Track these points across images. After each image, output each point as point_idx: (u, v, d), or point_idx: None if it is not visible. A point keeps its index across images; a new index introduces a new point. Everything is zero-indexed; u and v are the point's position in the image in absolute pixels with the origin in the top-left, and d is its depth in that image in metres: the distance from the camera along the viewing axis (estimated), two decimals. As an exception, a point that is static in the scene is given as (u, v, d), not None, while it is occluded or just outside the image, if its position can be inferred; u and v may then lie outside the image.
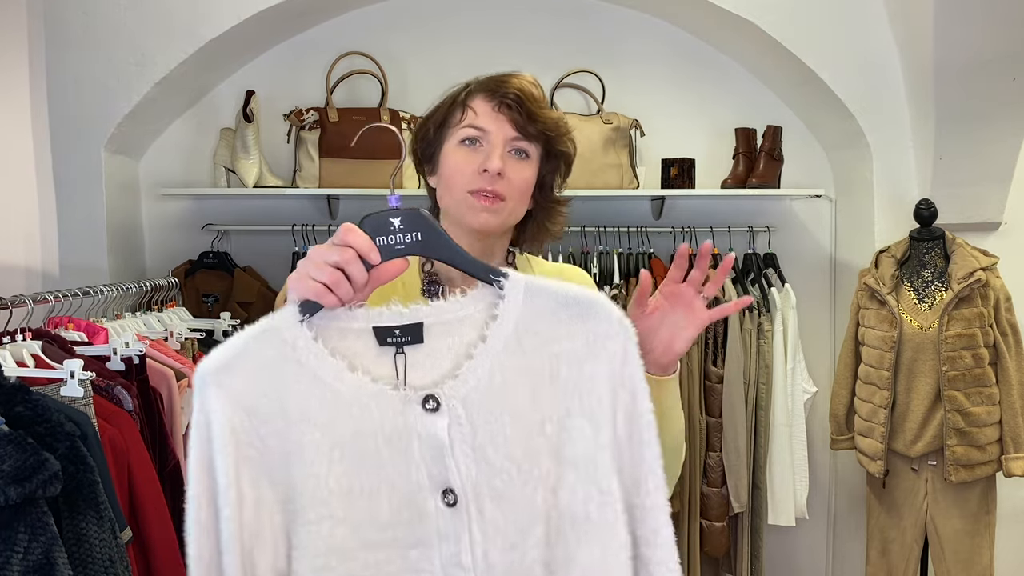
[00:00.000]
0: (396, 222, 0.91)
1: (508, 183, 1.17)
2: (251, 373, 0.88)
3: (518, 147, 1.20)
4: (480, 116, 1.20)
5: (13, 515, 1.18)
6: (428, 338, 0.90)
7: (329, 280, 0.89)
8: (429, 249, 0.93)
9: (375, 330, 0.89)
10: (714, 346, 2.70)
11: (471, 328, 0.90)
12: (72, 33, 2.60)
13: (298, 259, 2.71)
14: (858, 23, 2.73)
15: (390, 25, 2.92)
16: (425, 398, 0.87)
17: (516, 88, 1.21)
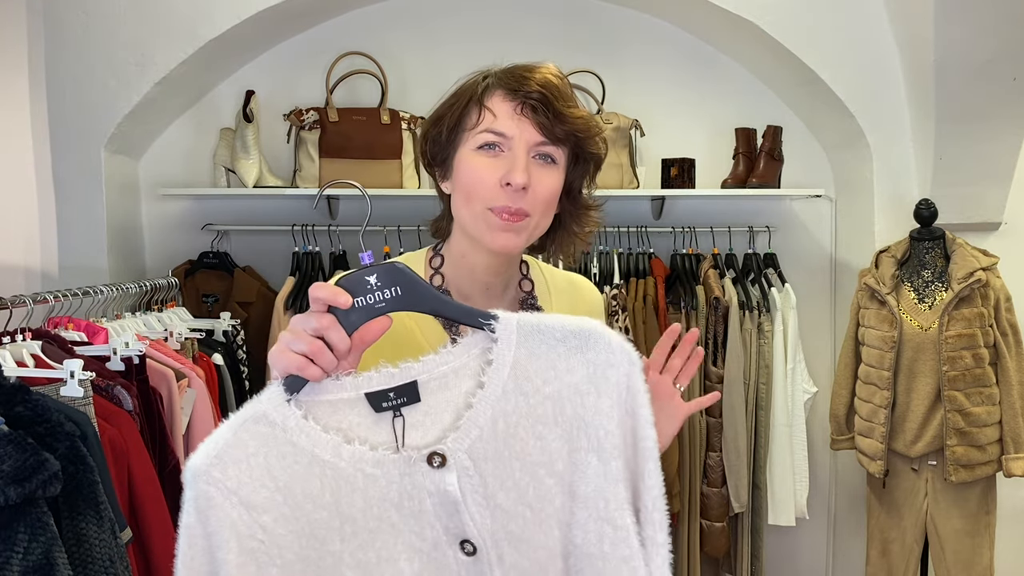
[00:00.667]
0: (372, 280, 0.86)
1: (532, 196, 1.06)
2: (244, 464, 0.83)
3: (543, 152, 1.08)
4: (500, 118, 1.07)
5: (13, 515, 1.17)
6: (424, 395, 0.86)
7: (309, 350, 0.83)
8: (412, 303, 0.87)
9: (368, 396, 0.85)
10: (714, 346, 2.69)
11: (467, 377, 0.87)
12: (72, 33, 2.60)
13: (298, 259, 2.73)
14: (858, 23, 2.73)
15: (390, 25, 2.92)
16: (430, 456, 0.84)
17: (540, 84, 1.07)
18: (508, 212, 1.05)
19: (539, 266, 1.25)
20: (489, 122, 1.07)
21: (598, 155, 1.14)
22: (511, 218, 1.05)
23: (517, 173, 1.04)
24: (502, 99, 1.08)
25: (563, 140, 1.08)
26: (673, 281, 2.81)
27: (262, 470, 0.83)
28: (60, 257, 2.69)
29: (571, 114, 1.08)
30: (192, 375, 2.02)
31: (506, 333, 0.88)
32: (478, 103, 1.09)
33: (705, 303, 2.70)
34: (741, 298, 2.73)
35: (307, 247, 2.75)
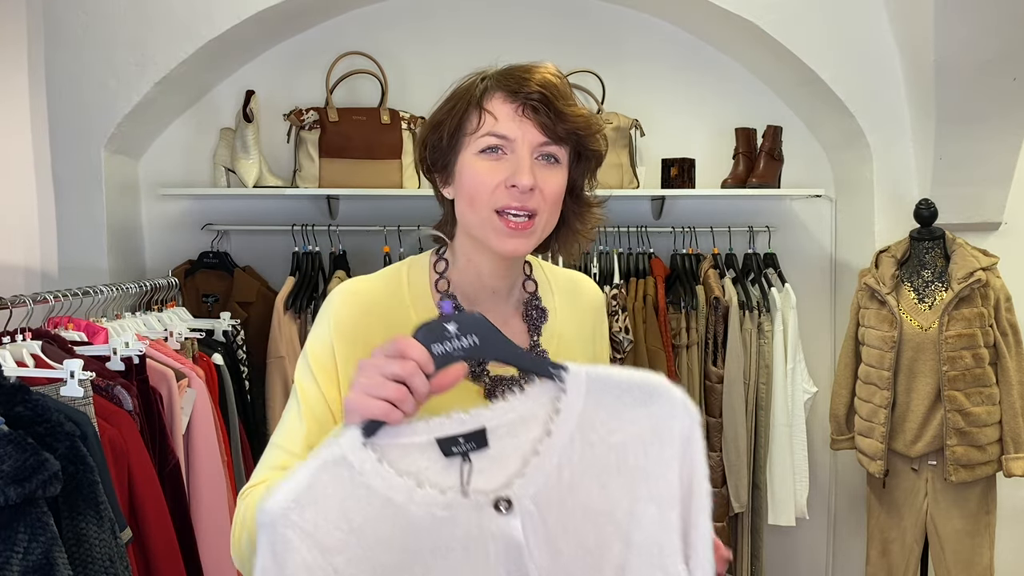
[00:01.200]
0: (452, 328, 0.88)
1: (540, 196, 1.05)
2: (321, 506, 0.85)
3: (546, 152, 1.07)
4: (501, 121, 1.06)
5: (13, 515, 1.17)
6: (492, 440, 0.88)
7: (395, 397, 0.84)
8: (487, 351, 0.91)
9: (438, 441, 0.87)
10: (714, 346, 2.69)
11: (535, 425, 0.90)
12: (72, 33, 2.60)
13: (298, 259, 2.73)
14: (858, 23, 2.73)
15: (390, 25, 2.92)
16: (497, 501, 0.87)
17: (540, 84, 1.06)
18: (515, 212, 1.05)
19: (541, 265, 1.25)
20: (490, 125, 1.06)
21: (599, 152, 1.14)
22: (520, 223, 1.05)
23: (523, 175, 1.03)
24: (502, 101, 1.07)
25: (565, 139, 1.07)
26: (673, 281, 2.81)
27: (337, 512, 0.85)
28: (60, 257, 2.69)
29: (572, 113, 1.07)
30: (192, 375, 2.02)
31: (575, 384, 0.90)
32: (478, 106, 1.07)
33: (705, 303, 2.70)
34: (741, 298, 2.73)
35: (307, 247, 2.75)
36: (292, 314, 2.62)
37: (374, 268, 1.79)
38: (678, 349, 2.70)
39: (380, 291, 1.14)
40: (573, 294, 1.23)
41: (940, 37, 2.48)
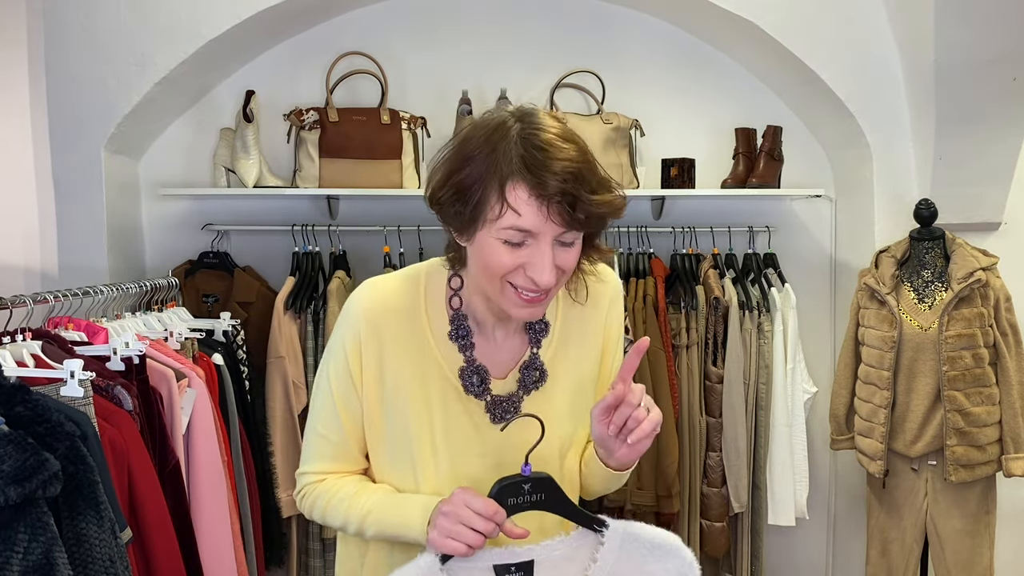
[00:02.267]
0: (527, 487, 1.09)
1: (559, 273, 1.09)
2: None
3: (565, 240, 1.08)
4: (524, 216, 1.04)
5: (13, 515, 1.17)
6: (539, 571, 1.09)
7: (475, 544, 1.05)
8: (550, 506, 1.11)
9: (495, 568, 1.09)
10: (714, 346, 2.70)
11: (575, 565, 1.10)
12: (72, 33, 2.60)
13: (298, 259, 2.73)
14: (858, 23, 2.73)
15: (390, 25, 2.92)
16: None
17: (564, 178, 1.03)
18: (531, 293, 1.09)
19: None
20: (513, 219, 1.05)
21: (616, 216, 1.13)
22: (534, 299, 1.10)
23: (544, 273, 1.06)
24: (527, 196, 1.04)
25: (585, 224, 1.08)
26: (673, 281, 2.81)
27: None
28: (60, 257, 2.69)
29: (596, 202, 1.06)
30: (192, 375, 2.02)
31: (612, 539, 1.13)
32: (500, 197, 1.05)
33: (705, 303, 2.70)
34: (741, 298, 2.73)
35: (307, 247, 2.75)
36: (292, 314, 2.62)
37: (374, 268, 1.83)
38: (678, 349, 2.70)
39: (400, 291, 1.22)
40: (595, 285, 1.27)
41: (940, 37, 2.48)
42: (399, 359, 1.18)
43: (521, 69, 2.93)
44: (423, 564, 1.06)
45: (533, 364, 1.21)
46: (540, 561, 1.10)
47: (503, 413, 1.19)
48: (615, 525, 1.12)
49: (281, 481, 2.56)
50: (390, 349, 1.18)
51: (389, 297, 1.20)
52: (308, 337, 2.64)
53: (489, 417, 1.19)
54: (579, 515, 1.13)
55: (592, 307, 1.27)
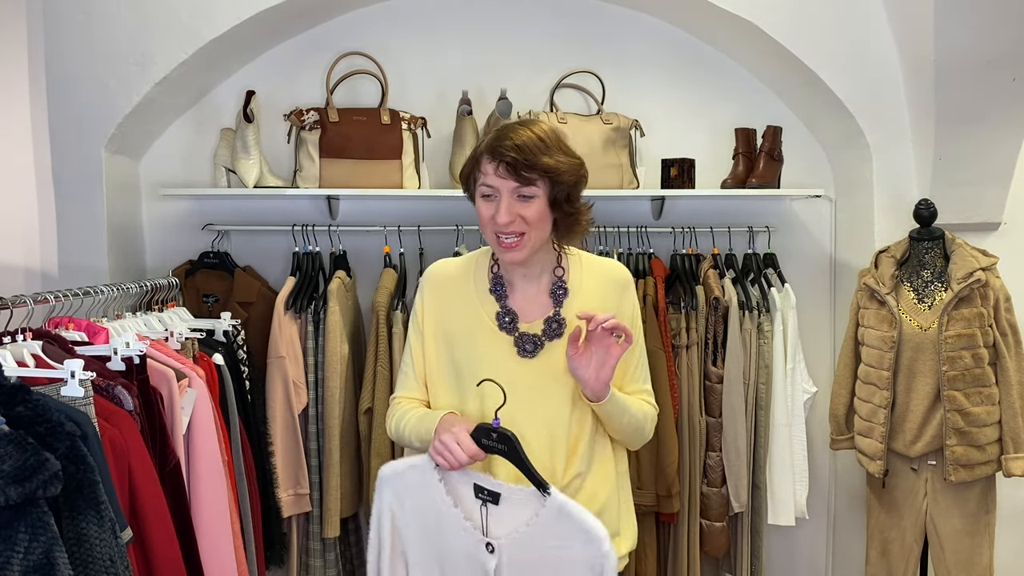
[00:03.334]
0: (494, 436, 1.49)
1: (522, 221, 1.52)
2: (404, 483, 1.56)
3: (522, 193, 1.52)
4: (487, 176, 1.53)
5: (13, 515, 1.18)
6: (501, 504, 1.49)
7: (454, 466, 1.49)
8: (509, 455, 1.48)
9: (474, 486, 1.50)
10: (714, 346, 2.70)
11: (526, 512, 1.47)
12: (72, 33, 2.60)
13: (298, 259, 2.74)
14: (858, 23, 2.73)
15: (390, 25, 2.92)
16: (488, 543, 1.49)
17: (511, 148, 1.49)
18: (504, 236, 1.54)
19: (578, 256, 1.69)
20: (483, 179, 1.55)
21: (573, 180, 1.55)
22: (509, 243, 1.55)
23: (501, 214, 1.52)
24: (488, 161, 1.53)
25: (534, 181, 1.51)
26: (673, 281, 2.81)
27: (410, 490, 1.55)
28: (60, 257, 2.69)
29: (538, 162, 1.50)
30: (192, 375, 2.02)
31: (551, 505, 1.46)
32: (477, 164, 1.56)
33: (705, 303, 2.70)
34: (741, 298, 2.73)
35: (307, 247, 2.75)
36: (292, 314, 2.62)
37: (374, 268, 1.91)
38: (678, 349, 2.70)
39: (457, 264, 1.72)
40: (602, 275, 1.67)
41: (940, 37, 2.48)
42: (454, 310, 1.66)
43: (521, 69, 2.94)
44: (424, 459, 1.53)
45: (555, 318, 1.61)
46: (505, 497, 1.48)
47: (529, 347, 1.59)
48: (556, 497, 1.45)
49: (281, 481, 2.56)
50: (448, 303, 1.66)
51: (447, 268, 1.71)
52: (308, 337, 2.64)
53: (517, 351, 1.60)
54: (530, 474, 1.47)
55: (610, 285, 1.66)
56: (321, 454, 2.64)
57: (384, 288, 2.62)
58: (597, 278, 1.66)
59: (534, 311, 1.63)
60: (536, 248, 1.57)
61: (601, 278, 1.67)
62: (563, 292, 1.64)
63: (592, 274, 1.67)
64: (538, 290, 1.64)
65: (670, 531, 2.74)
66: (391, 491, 1.54)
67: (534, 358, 1.59)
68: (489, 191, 1.53)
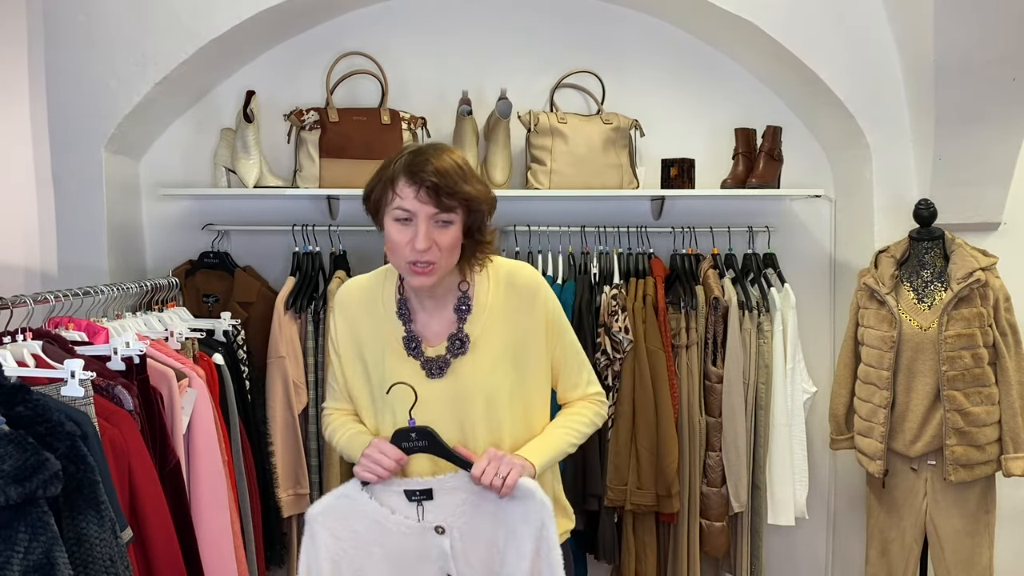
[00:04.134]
0: (414, 435, 1.54)
1: (436, 249, 1.50)
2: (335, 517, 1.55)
3: (441, 219, 1.50)
4: (404, 199, 1.49)
5: (14, 515, 1.18)
6: (436, 496, 1.53)
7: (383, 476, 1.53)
8: (432, 449, 1.53)
9: (405, 492, 1.53)
10: (714, 346, 2.70)
11: (462, 492, 1.53)
12: (72, 33, 2.60)
13: (298, 259, 2.74)
14: (858, 23, 2.73)
15: (390, 25, 2.92)
16: (437, 527, 1.53)
17: (434, 170, 1.47)
18: (419, 263, 1.51)
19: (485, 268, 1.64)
20: (399, 202, 1.50)
21: (488, 208, 1.56)
22: (422, 269, 1.52)
23: (419, 240, 1.49)
24: (405, 184, 1.49)
25: (454, 208, 1.49)
26: (673, 281, 2.81)
27: (345, 521, 1.54)
28: (60, 257, 2.69)
29: (460, 190, 1.49)
30: (192, 375, 2.02)
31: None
32: (390, 186, 1.51)
33: (705, 303, 2.70)
34: (741, 298, 2.73)
35: (307, 247, 2.75)
36: (292, 314, 2.62)
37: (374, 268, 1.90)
38: (678, 349, 2.70)
39: (366, 284, 1.70)
40: (508, 284, 1.65)
41: (940, 37, 2.48)
42: (365, 331, 1.65)
43: (521, 69, 2.94)
44: (351, 486, 1.55)
45: (458, 335, 1.61)
46: (437, 489, 1.53)
47: (436, 370, 1.60)
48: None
49: (281, 480, 2.57)
50: (358, 325, 1.66)
51: (356, 290, 1.70)
52: (308, 337, 2.64)
53: (425, 373, 1.60)
54: (454, 457, 1.53)
55: (519, 295, 1.64)
56: (321, 454, 2.64)
57: (384, 288, 2.62)
58: (504, 288, 1.64)
59: (439, 332, 1.62)
60: (446, 272, 1.56)
61: (508, 288, 1.64)
62: (467, 309, 1.62)
63: (499, 284, 1.64)
64: (444, 309, 1.63)
65: (670, 531, 2.74)
66: (324, 528, 1.53)
67: (443, 378, 1.59)
68: (405, 215, 1.49)
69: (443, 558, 1.53)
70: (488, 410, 1.60)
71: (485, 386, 1.59)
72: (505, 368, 1.60)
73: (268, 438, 2.56)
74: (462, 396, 1.59)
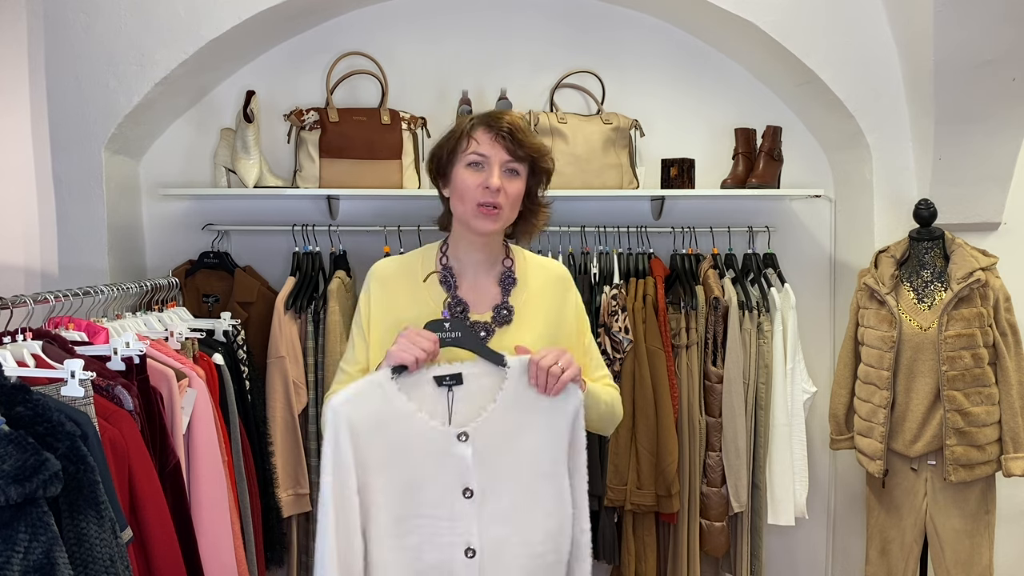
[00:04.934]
0: (447, 326, 1.54)
1: (503, 195, 1.59)
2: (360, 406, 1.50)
3: (511, 167, 1.60)
4: (481, 144, 1.59)
5: (14, 515, 1.18)
6: (466, 381, 1.52)
7: (420, 358, 1.50)
8: (464, 342, 1.54)
9: (435, 378, 1.52)
10: (714, 346, 2.70)
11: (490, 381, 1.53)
12: (72, 33, 2.60)
13: (298, 259, 2.74)
14: (858, 23, 2.73)
15: (390, 25, 2.92)
16: (460, 434, 1.50)
17: (508, 122, 1.59)
18: (488, 204, 1.58)
19: (521, 252, 1.75)
20: (475, 147, 1.60)
21: (549, 169, 1.68)
22: (489, 211, 1.59)
23: (493, 178, 1.58)
24: (483, 131, 1.60)
25: (524, 159, 1.61)
26: (673, 281, 2.81)
27: (369, 412, 1.49)
28: (60, 257, 2.69)
29: (529, 141, 1.61)
30: (193, 375, 2.02)
31: (513, 372, 1.54)
32: (467, 135, 1.61)
33: (705, 303, 2.70)
34: (741, 298, 2.73)
35: (307, 247, 2.75)
36: (292, 314, 2.62)
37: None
38: (678, 349, 2.70)
39: (402, 260, 1.75)
40: (545, 272, 1.74)
41: (939, 37, 2.48)
42: (403, 300, 1.67)
43: (521, 69, 2.94)
44: (381, 374, 1.50)
45: (504, 305, 1.66)
46: (466, 375, 1.52)
47: (480, 335, 1.62)
48: (512, 361, 1.54)
49: (281, 481, 2.57)
50: (396, 295, 1.68)
51: (393, 263, 1.74)
52: (308, 337, 2.64)
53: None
54: (486, 352, 1.55)
55: (555, 283, 1.73)
56: (321, 454, 2.64)
57: (384, 288, 2.62)
58: (541, 274, 1.72)
59: (483, 300, 1.67)
60: (505, 226, 1.64)
61: (545, 275, 1.72)
62: (511, 282, 1.68)
63: (536, 269, 1.73)
64: (488, 280, 1.68)
65: (670, 531, 2.74)
66: (346, 419, 1.48)
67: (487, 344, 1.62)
68: (480, 159, 1.58)
69: (463, 468, 1.49)
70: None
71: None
72: (543, 344, 1.62)
73: (268, 438, 2.56)
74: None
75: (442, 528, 1.49)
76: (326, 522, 1.45)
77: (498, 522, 1.50)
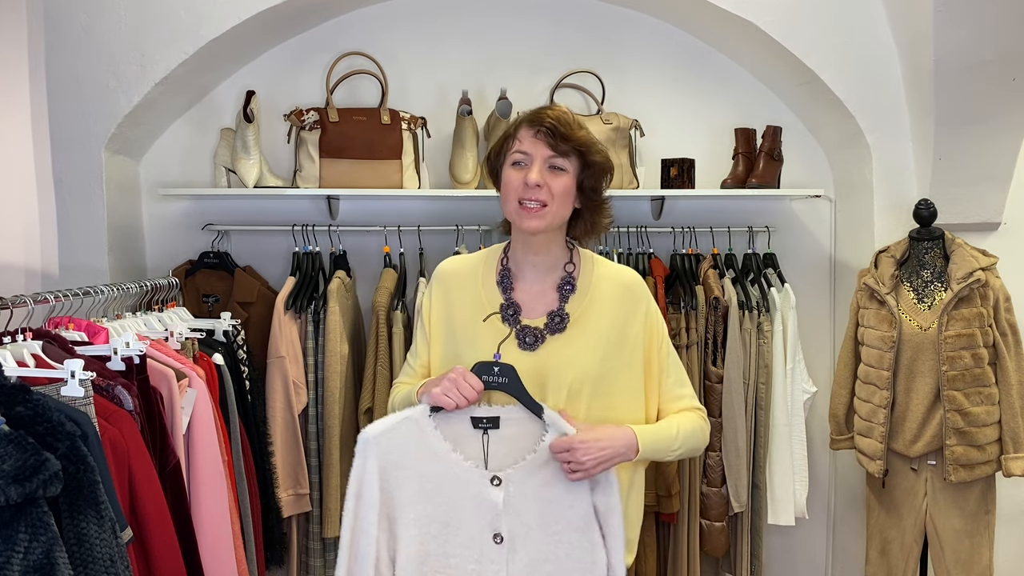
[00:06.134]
0: (496, 370, 1.53)
1: (548, 191, 1.56)
2: (394, 439, 1.51)
3: (554, 164, 1.57)
4: (523, 143, 1.58)
5: (14, 515, 1.18)
6: (503, 426, 1.52)
7: (461, 405, 1.50)
8: (510, 389, 1.53)
9: (472, 419, 1.52)
10: (714, 346, 2.70)
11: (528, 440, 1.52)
12: (72, 33, 2.60)
13: (298, 259, 2.74)
14: (858, 23, 2.73)
15: (390, 25, 2.92)
16: (493, 477, 1.50)
17: (551, 117, 1.56)
18: (529, 201, 1.55)
19: (591, 258, 1.70)
20: (517, 146, 1.59)
21: (601, 163, 1.61)
22: (532, 209, 1.56)
23: (532, 174, 1.56)
24: (525, 130, 1.58)
25: (569, 152, 1.56)
26: (673, 281, 2.81)
27: (403, 446, 1.50)
28: (60, 257, 2.69)
29: (574, 135, 1.56)
30: (193, 375, 2.02)
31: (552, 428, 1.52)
32: (512, 136, 1.61)
33: (705, 303, 2.70)
34: (741, 298, 2.73)
35: (307, 247, 2.75)
36: (292, 314, 2.62)
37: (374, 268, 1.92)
38: (678, 349, 2.69)
39: (465, 261, 1.74)
40: (615, 280, 1.68)
41: (939, 37, 2.48)
42: (459, 302, 1.67)
43: (521, 69, 2.94)
44: (419, 409, 1.52)
45: (559, 312, 1.62)
46: (504, 419, 1.52)
47: (529, 339, 1.60)
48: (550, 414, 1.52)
49: (281, 481, 2.57)
50: (453, 297, 1.68)
51: (456, 264, 1.74)
52: (308, 337, 2.64)
53: (517, 343, 1.61)
54: (528, 402, 1.53)
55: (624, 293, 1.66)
56: (321, 454, 2.64)
57: (384, 288, 2.62)
58: (608, 283, 1.66)
59: (538, 306, 1.64)
60: (556, 224, 1.59)
61: (613, 284, 1.66)
62: (570, 288, 1.64)
63: (604, 278, 1.67)
64: (545, 285, 1.65)
65: (670, 531, 2.74)
66: (377, 452, 1.49)
67: (534, 351, 1.59)
68: (522, 157, 1.57)
69: (494, 514, 1.48)
70: (570, 396, 1.59)
71: (573, 370, 1.58)
72: (596, 358, 1.60)
73: (268, 438, 2.56)
74: (548, 375, 1.58)
75: (469, 571, 1.48)
76: (343, 542, 1.51)
77: (528, 571, 1.49)
